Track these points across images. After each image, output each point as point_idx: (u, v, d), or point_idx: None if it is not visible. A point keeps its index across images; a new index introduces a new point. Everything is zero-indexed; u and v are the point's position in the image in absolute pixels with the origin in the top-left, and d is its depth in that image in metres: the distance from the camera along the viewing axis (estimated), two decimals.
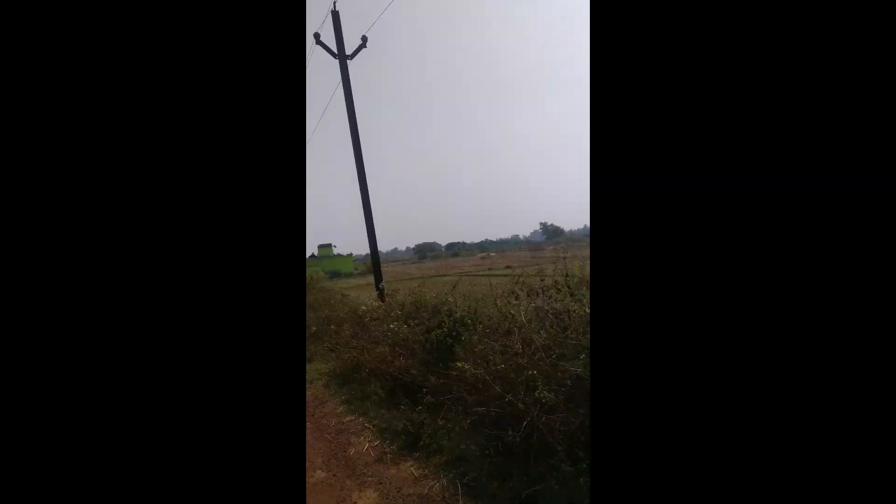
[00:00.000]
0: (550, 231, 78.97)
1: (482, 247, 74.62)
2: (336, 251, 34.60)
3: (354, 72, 7.81)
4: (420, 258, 59.38)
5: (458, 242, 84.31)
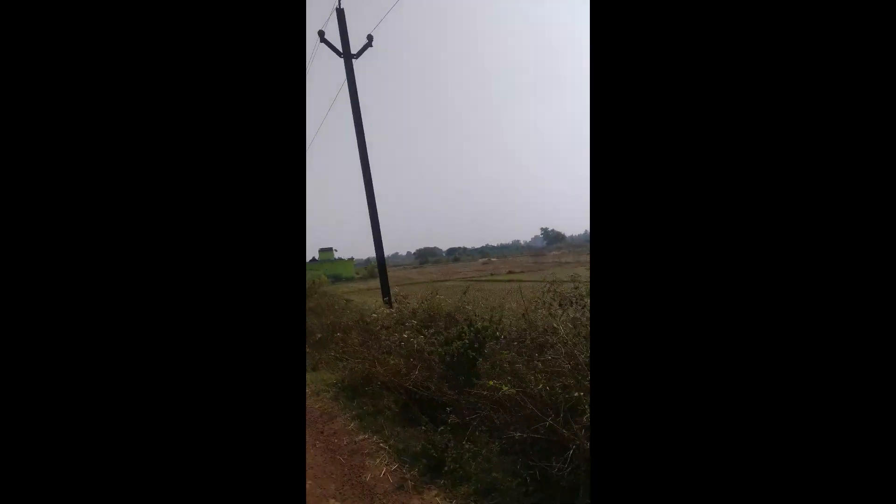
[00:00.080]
0: (552, 236, 78.79)
1: (483, 252, 74.43)
2: (337, 255, 34.35)
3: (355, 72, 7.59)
4: (421, 263, 59.11)
5: (459, 247, 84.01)
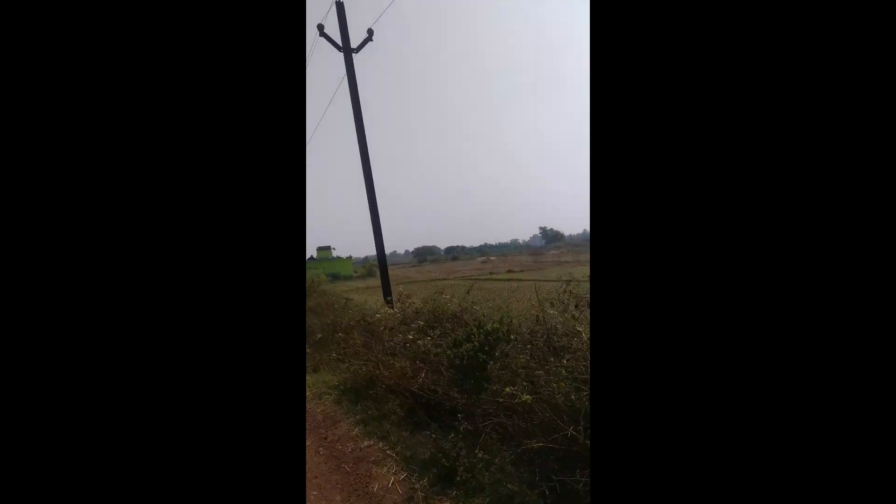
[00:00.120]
0: (550, 235, 78.78)
1: (482, 251, 74.35)
2: (335, 254, 34.19)
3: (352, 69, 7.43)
4: (419, 262, 58.95)
5: (458, 246, 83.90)
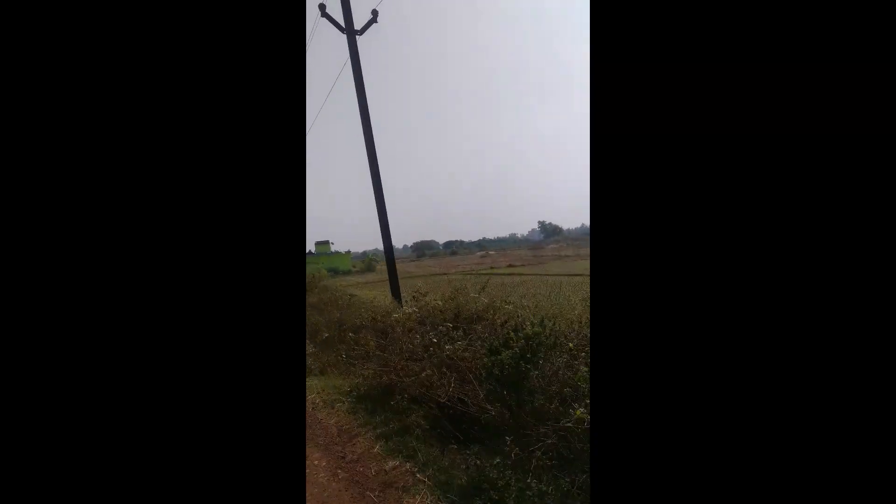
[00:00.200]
0: (549, 230, 78.58)
1: (480, 245, 74.09)
2: (334, 248, 33.74)
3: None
4: (418, 256, 58.58)
5: (456, 241, 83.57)
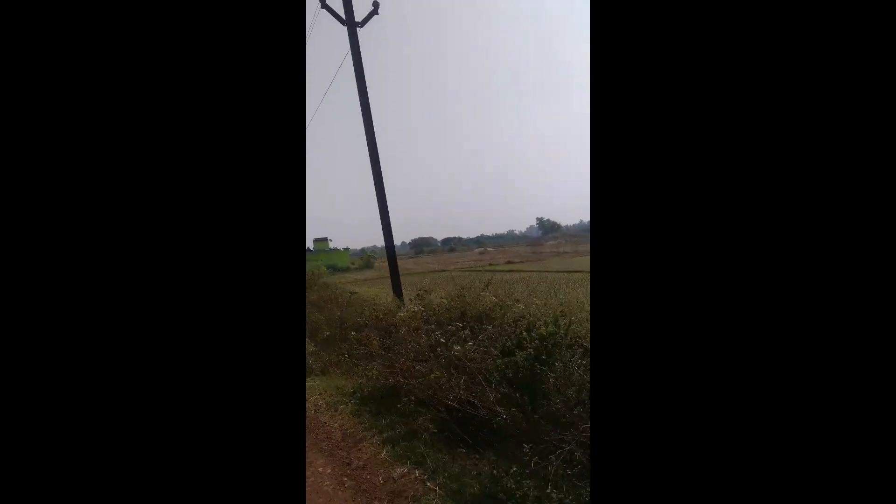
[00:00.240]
0: (547, 226, 78.49)
1: (478, 242, 73.91)
2: (332, 245, 33.53)
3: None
4: (416, 253, 58.40)
5: (454, 237, 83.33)
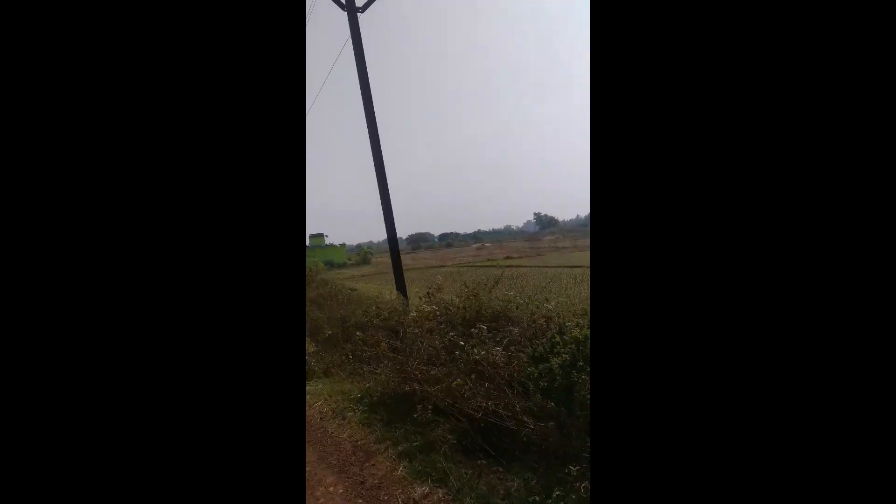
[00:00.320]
0: (545, 221, 78.25)
1: (476, 237, 73.63)
2: (328, 241, 33.16)
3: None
4: (413, 249, 58.03)
5: (451, 233, 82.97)
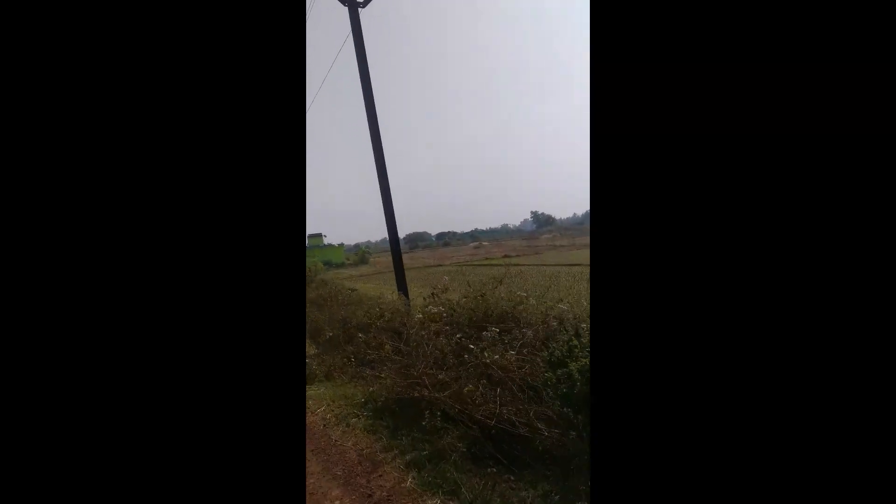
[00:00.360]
0: (542, 220, 78.24)
1: (473, 236, 73.57)
2: (326, 241, 32.99)
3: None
4: (411, 248, 57.88)
5: (448, 232, 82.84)
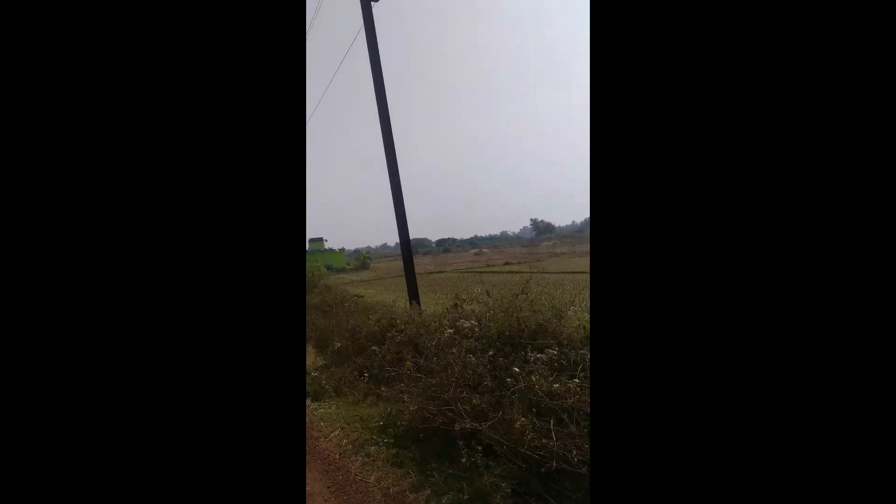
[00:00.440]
0: (541, 227, 78.05)
1: (472, 243, 73.34)
2: (327, 245, 32.62)
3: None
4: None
5: (448, 238, 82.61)
